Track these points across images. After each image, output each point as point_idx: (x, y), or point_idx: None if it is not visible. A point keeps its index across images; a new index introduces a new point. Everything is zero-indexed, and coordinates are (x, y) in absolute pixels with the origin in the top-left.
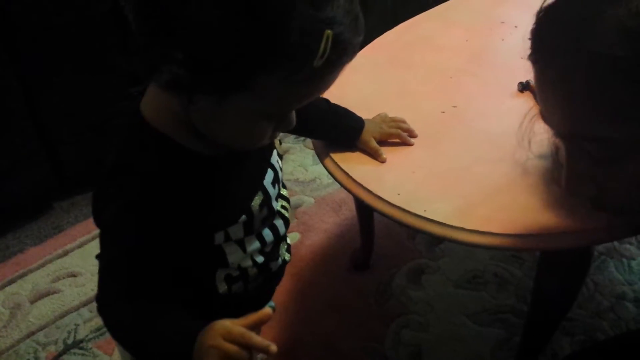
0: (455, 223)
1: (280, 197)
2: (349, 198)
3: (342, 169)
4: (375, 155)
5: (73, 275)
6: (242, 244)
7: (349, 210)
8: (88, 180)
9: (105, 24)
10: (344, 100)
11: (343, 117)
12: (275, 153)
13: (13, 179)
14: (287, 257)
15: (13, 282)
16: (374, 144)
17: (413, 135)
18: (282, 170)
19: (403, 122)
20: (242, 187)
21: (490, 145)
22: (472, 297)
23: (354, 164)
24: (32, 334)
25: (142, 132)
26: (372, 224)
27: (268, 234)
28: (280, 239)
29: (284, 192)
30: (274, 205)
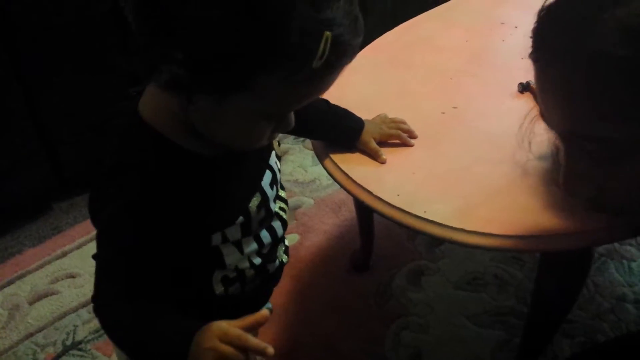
0: (456, 224)
1: (279, 198)
2: (349, 199)
3: (341, 170)
4: (375, 156)
5: (72, 277)
6: (239, 246)
7: (349, 211)
8: (88, 181)
9: (105, 24)
10: (344, 101)
11: (343, 117)
12: (274, 154)
13: (13, 179)
14: (284, 258)
15: (12, 283)
16: (374, 145)
17: (413, 136)
18: (280, 172)
19: (403, 122)
20: (240, 188)
21: (491, 146)
22: (472, 298)
23: (354, 165)
24: (30, 335)
25: (140, 132)
26: (371, 225)
27: (266, 236)
28: (278, 241)
29: (282, 193)
30: (272, 207)
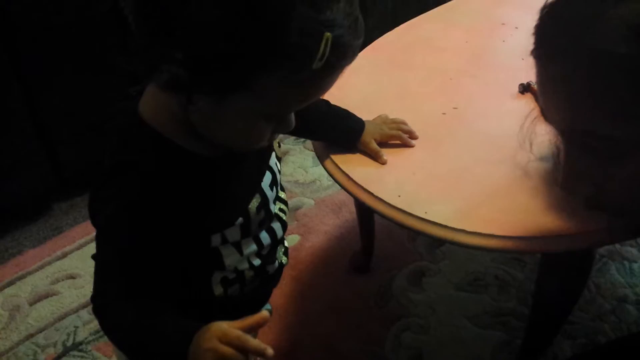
0: (456, 225)
1: (278, 200)
2: (349, 200)
3: (342, 171)
4: (376, 157)
5: (72, 277)
6: (238, 247)
7: (349, 212)
8: (88, 181)
9: (105, 24)
10: (345, 102)
11: (343, 118)
12: (274, 155)
13: (12, 180)
14: (284, 260)
15: (12, 284)
16: (375, 146)
17: (414, 137)
18: (280, 173)
19: (404, 123)
20: (239, 189)
21: (491, 147)
22: (473, 299)
23: (354, 166)
24: (31, 336)
25: (140, 132)
26: (372, 226)
27: (265, 237)
28: (278, 242)
29: (282, 195)
30: (272, 208)
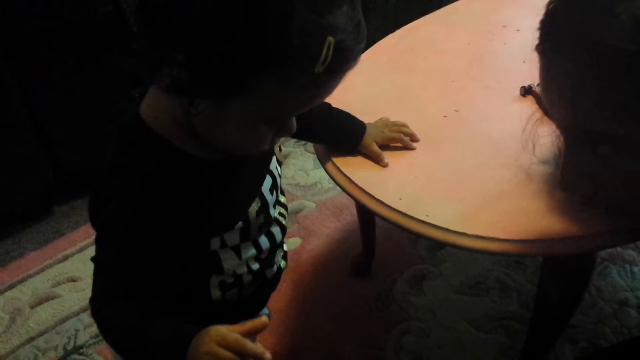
0: (458, 228)
1: (278, 204)
2: (350, 202)
3: (343, 173)
4: (377, 160)
5: (73, 280)
6: (237, 251)
7: (350, 215)
8: (88, 184)
9: (106, 25)
10: (346, 104)
11: (345, 121)
12: (275, 159)
13: (13, 183)
14: (283, 264)
15: (13, 287)
16: (376, 148)
17: (415, 140)
18: (280, 177)
19: (405, 126)
20: (239, 192)
21: (493, 150)
22: (474, 303)
23: (356, 169)
24: (32, 340)
25: (140, 134)
26: (373, 229)
27: (264, 241)
28: (277, 247)
29: (282, 199)
30: (272, 213)
